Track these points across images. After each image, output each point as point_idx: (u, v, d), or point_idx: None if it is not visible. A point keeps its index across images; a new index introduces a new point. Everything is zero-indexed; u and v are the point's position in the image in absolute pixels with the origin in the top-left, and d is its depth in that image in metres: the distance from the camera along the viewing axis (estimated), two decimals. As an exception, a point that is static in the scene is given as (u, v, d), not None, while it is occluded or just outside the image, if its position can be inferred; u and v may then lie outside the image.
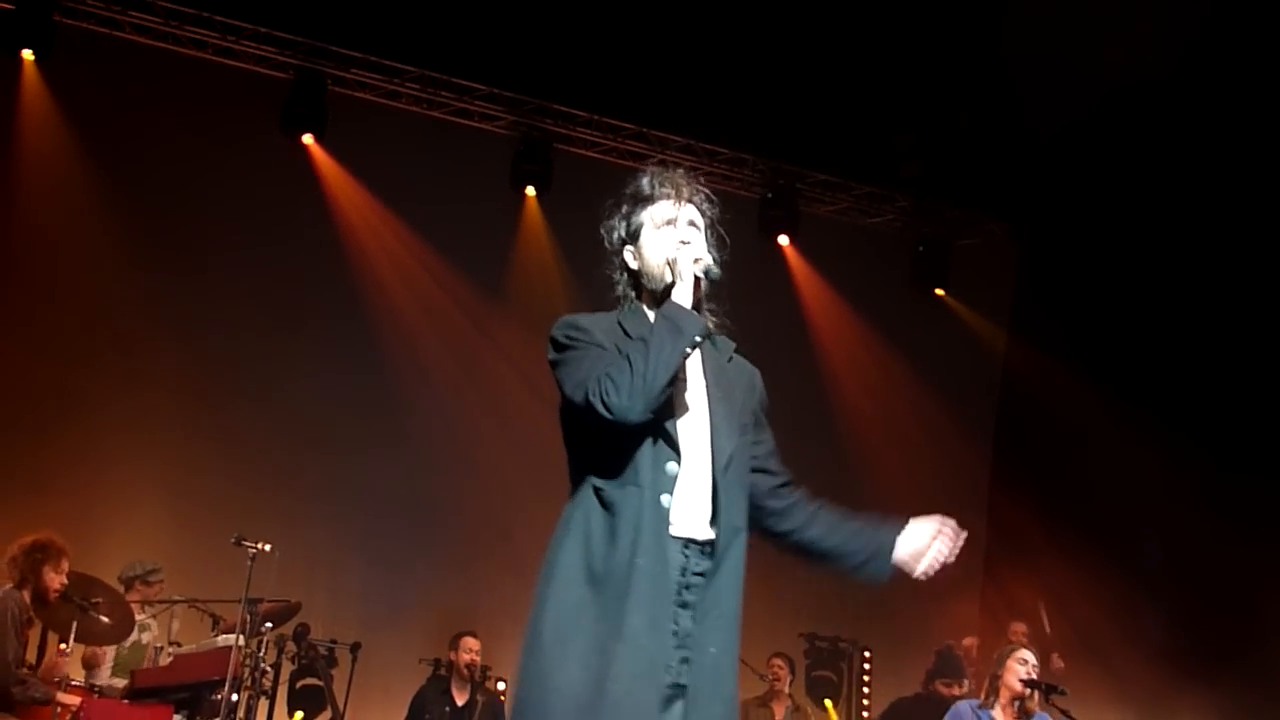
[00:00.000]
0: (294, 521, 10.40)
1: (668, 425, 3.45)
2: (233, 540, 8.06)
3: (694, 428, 3.52)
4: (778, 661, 10.81)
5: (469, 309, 11.88)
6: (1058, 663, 10.05)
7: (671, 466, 3.45)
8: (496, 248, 12.14)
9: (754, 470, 3.80)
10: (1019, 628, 10.38)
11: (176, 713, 7.78)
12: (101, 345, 10.85)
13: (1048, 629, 10.51)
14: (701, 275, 3.60)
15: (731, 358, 3.82)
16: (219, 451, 10.99)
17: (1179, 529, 10.79)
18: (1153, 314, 11.34)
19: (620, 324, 3.60)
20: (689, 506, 3.47)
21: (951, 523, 4.03)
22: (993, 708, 7.08)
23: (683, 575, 3.43)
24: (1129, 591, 10.68)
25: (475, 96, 11.74)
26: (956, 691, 9.78)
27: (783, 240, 12.79)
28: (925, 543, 4.02)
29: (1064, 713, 7.39)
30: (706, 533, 3.47)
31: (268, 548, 8.01)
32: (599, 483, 3.42)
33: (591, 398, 3.32)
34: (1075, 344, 11.86)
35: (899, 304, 13.18)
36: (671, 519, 3.40)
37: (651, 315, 3.62)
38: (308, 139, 11.39)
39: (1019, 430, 13.04)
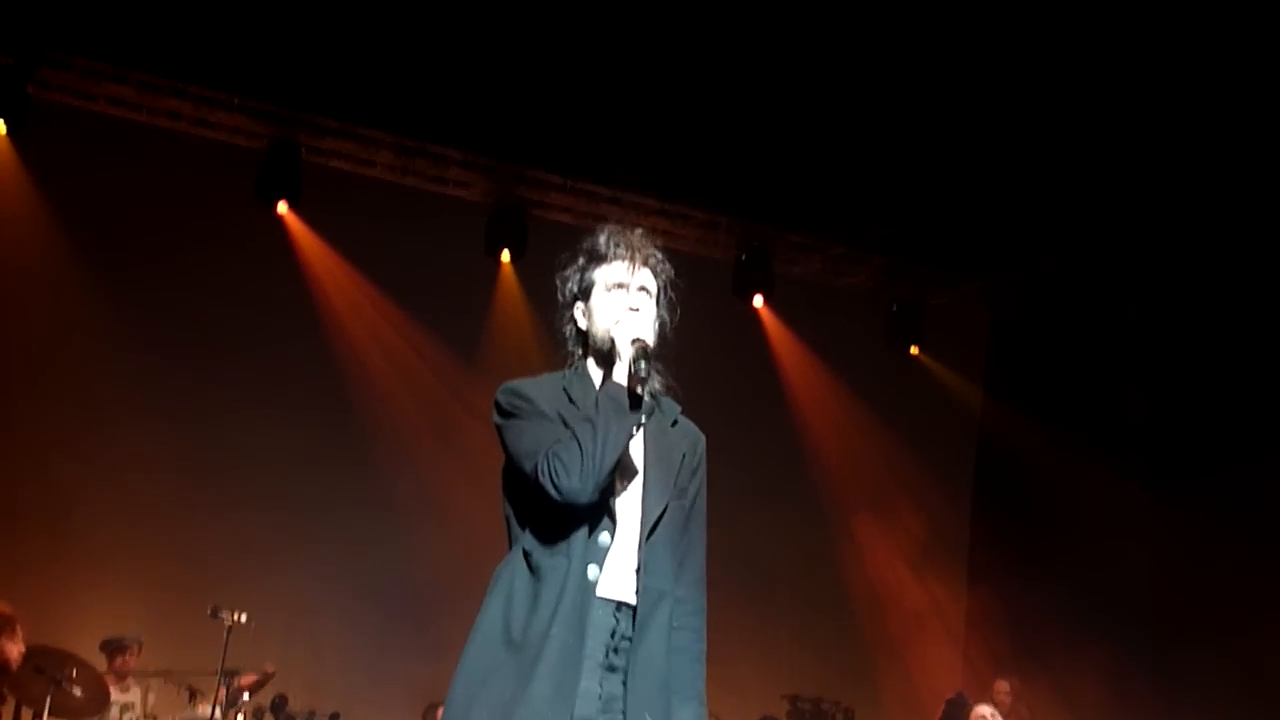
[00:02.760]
0: (271, 591, 10.32)
1: (604, 494, 3.43)
2: (208, 612, 8.01)
3: (629, 493, 3.54)
4: (761, 724, 10.77)
5: (445, 375, 11.88)
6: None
7: (604, 537, 3.46)
8: (472, 313, 12.17)
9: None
10: (1002, 686, 10.35)
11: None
12: (75, 418, 10.80)
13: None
14: (635, 355, 3.52)
15: (676, 421, 3.80)
16: (195, 524, 10.93)
17: (1161, 579, 10.80)
18: (1125, 366, 11.40)
19: (565, 390, 3.60)
20: (619, 570, 3.48)
21: None
22: None
23: (612, 638, 3.45)
24: (1113, 644, 10.67)
25: (450, 163, 11.79)
26: None
27: (757, 302, 12.84)
28: None
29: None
30: (634, 596, 3.48)
31: (244, 618, 7.97)
32: (529, 546, 3.45)
33: (541, 477, 3.33)
34: (1050, 398, 11.93)
35: (874, 363, 13.24)
36: (601, 583, 3.42)
37: (597, 379, 3.62)
38: (283, 208, 11.39)
39: (997, 486, 13.08)
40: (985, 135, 10.83)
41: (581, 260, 3.81)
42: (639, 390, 3.51)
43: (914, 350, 13.46)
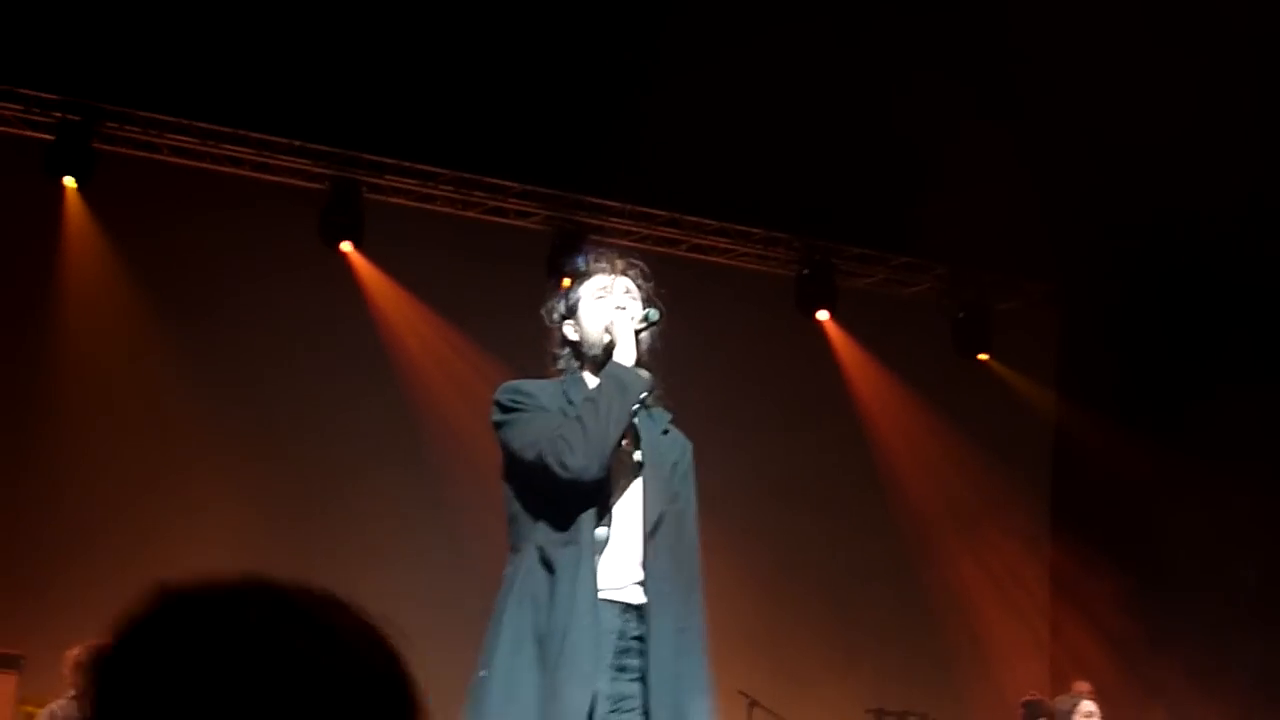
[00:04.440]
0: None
1: (604, 490, 3.55)
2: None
3: (629, 495, 3.59)
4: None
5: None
6: None
7: (602, 531, 3.51)
8: (538, 340, 12.20)
9: None
10: (1082, 686, 10.21)
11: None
12: (152, 459, 10.98)
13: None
14: (641, 324, 3.71)
15: (667, 430, 3.87)
16: (272, 555, 11.01)
17: (1250, 577, 10.65)
18: (1202, 361, 11.26)
19: (564, 391, 3.72)
20: (620, 571, 3.55)
21: None
22: None
23: (620, 639, 3.48)
24: (1201, 642, 10.51)
25: (508, 193, 11.89)
26: None
27: (822, 316, 12.80)
28: None
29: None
30: (639, 597, 3.52)
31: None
32: (542, 541, 3.52)
33: (547, 458, 3.44)
34: (1125, 397, 11.80)
35: (943, 372, 13.14)
36: (603, 583, 3.46)
37: (592, 383, 3.74)
38: (346, 246, 11.55)
39: (1075, 488, 12.93)
40: (1042, 133, 10.76)
41: (565, 283, 4.02)
42: (640, 361, 3.68)
43: (983, 357, 13.35)
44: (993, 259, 12.86)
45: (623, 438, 3.54)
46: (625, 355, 3.66)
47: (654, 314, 3.74)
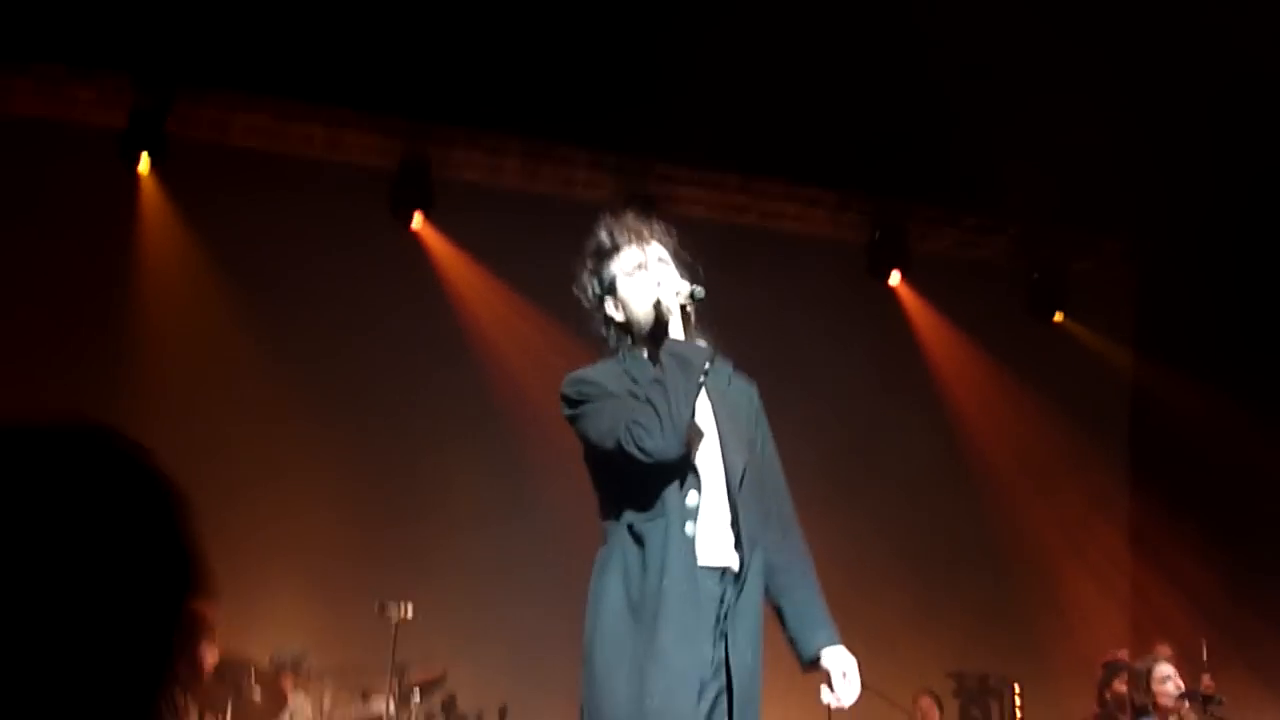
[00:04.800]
0: (433, 591, 10.52)
1: (686, 457, 3.59)
2: (376, 607, 8.16)
3: (708, 454, 3.63)
4: (926, 700, 10.69)
5: (589, 374, 11.96)
6: (1208, 684, 9.78)
7: (692, 496, 3.56)
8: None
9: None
10: (1164, 650, 10.14)
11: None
12: (234, 438, 11.14)
13: (1204, 657, 10.22)
14: (687, 301, 3.69)
15: (730, 380, 3.87)
16: (356, 531, 11.22)
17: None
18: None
19: (627, 372, 3.74)
20: (716, 536, 3.60)
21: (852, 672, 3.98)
22: None
23: (720, 604, 3.53)
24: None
25: (577, 165, 11.92)
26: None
27: (894, 280, 12.74)
28: (839, 672, 3.96)
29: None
30: (736, 562, 3.57)
31: (410, 613, 8.09)
32: (630, 519, 3.58)
33: (626, 446, 3.47)
34: (1204, 355, 11.64)
35: (1018, 334, 13.03)
36: (701, 549, 3.52)
37: (647, 355, 3.78)
38: (417, 222, 11.64)
39: (1154, 448, 12.80)
40: (1114, 89, 10.62)
41: (592, 262, 3.99)
42: (694, 330, 3.68)
43: (1059, 317, 13.23)
44: (1068, 218, 12.72)
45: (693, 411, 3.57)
46: (677, 331, 3.65)
47: (699, 291, 3.69)
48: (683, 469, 3.55)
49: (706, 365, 3.59)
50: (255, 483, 11.09)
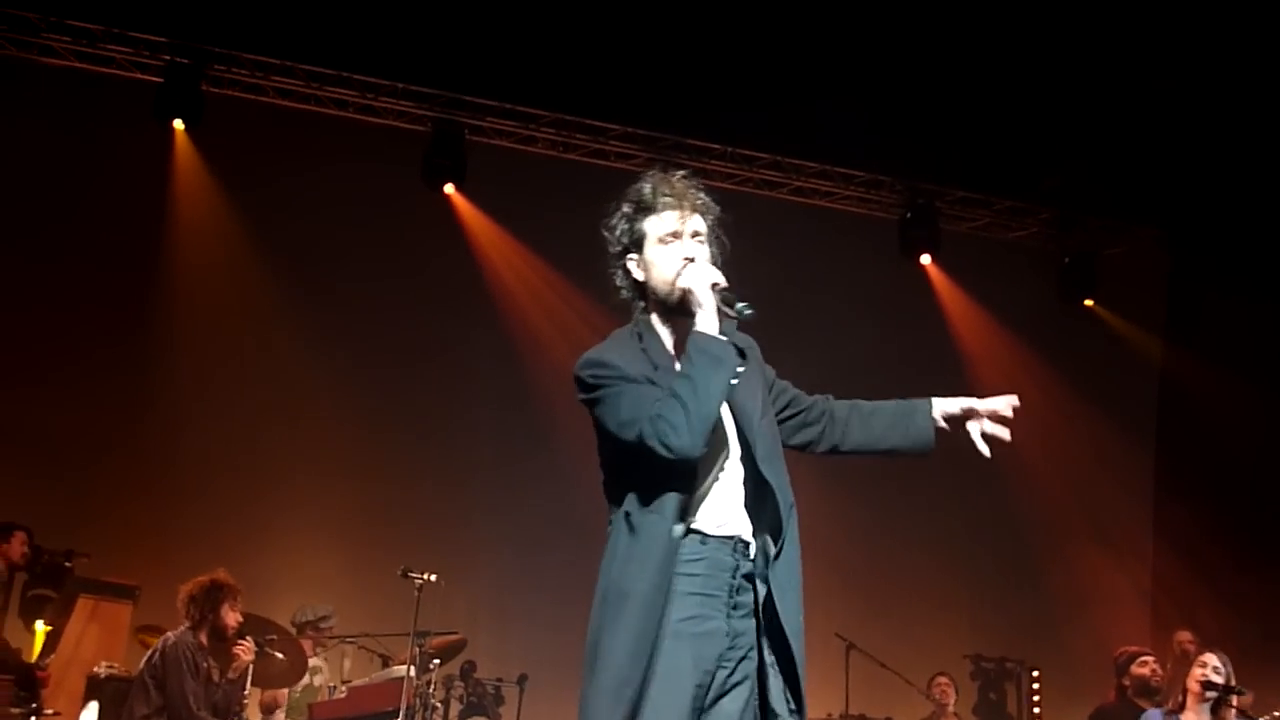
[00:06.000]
0: (456, 557, 10.58)
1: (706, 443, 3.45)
2: (399, 572, 8.19)
3: (727, 429, 3.55)
4: (943, 680, 10.69)
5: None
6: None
7: (708, 480, 3.52)
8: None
9: (782, 421, 3.85)
10: (1184, 635, 10.11)
11: (352, 746, 7.96)
12: (264, 399, 11.22)
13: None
14: (727, 307, 3.53)
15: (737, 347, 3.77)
16: (380, 493, 11.31)
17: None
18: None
19: (645, 351, 3.61)
20: (729, 507, 3.52)
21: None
22: (1180, 712, 7.14)
23: (733, 577, 3.48)
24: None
25: (610, 136, 11.90)
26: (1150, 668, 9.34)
27: (925, 260, 12.70)
28: (960, 408, 4.16)
29: (1242, 713, 7.29)
30: (748, 533, 3.52)
31: (433, 578, 8.13)
32: (630, 508, 3.47)
33: (649, 440, 3.36)
34: (1233, 344, 11.57)
35: (1048, 318, 12.99)
36: (715, 524, 3.45)
37: (662, 331, 3.67)
38: (449, 188, 11.65)
39: (1180, 436, 12.74)
40: (1153, 75, 10.54)
41: (628, 210, 3.78)
42: (729, 332, 3.53)
43: (1089, 302, 13.17)
44: (1100, 203, 12.66)
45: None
46: (709, 323, 3.50)
47: (747, 310, 3.51)
48: (695, 461, 3.42)
49: (739, 369, 3.49)
50: (282, 446, 11.17)
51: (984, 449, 4.15)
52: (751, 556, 3.56)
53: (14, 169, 10.66)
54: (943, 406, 4.15)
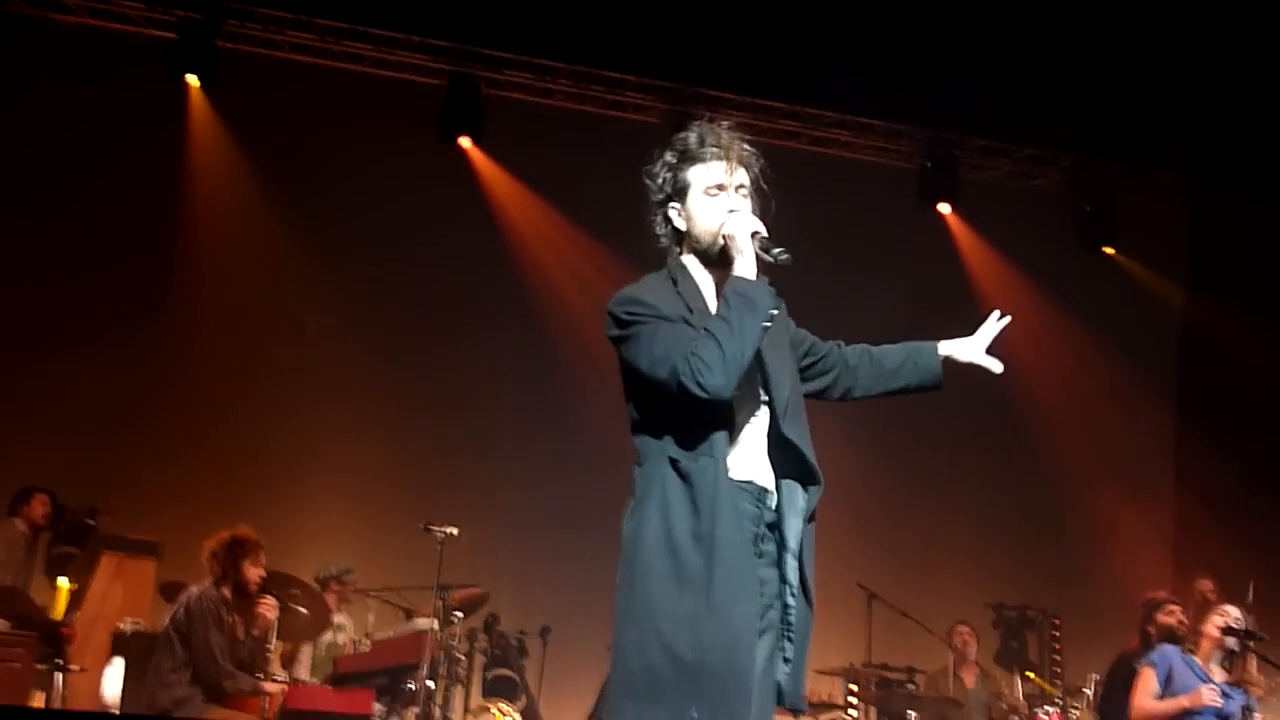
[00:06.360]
0: (478, 512, 10.60)
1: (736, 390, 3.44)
2: (421, 527, 8.18)
3: (753, 382, 3.54)
4: (964, 629, 10.69)
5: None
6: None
7: (741, 425, 3.52)
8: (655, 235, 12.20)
9: (801, 370, 3.85)
10: (1205, 584, 10.09)
11: (377, 699, 7.99)
12: (283, 356, 11.26)
13: (1250, 598, 10.16)
14: (764, 253, 3.53)
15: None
16: (401, 449, 11.34)
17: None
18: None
19: (680, 294, 3.59)
20: (754, 457, 3.54)
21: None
22: (1195, 654, 7.29)
23: (757, 526, 3.47)
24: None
25: (627, 88, 11.83)
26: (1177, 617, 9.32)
27: (944, 209, 12.64)
28: (965, 347, 4.23)
29: (1263, 658, 7.34)
30: (771, 481, 3.52)
31: (455, 531, 8.12)
32: (674, 453, 3.44)
33: (683, 378, 3.34)
34: (1254, 290, 11.51)
35: (1068, 265, 12.91)
36: (738, 471, 3.44)
37: (699, 276, 3.66)
38: (465, 142, 11.61)
39: (1201, 383, 12.71)
40: (1172, 20, 10.43)
41: (673, 158, 3.78)
42: (768, 278, 3.53)
43: (1109, 250, 13.10)
44: (1120, 149, 12.56)
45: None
46: (748, 269, 3.49)
47: (783, 255, 3.51)
48: (728, 403, 3.42)
49: (774, 311, 3.45)
50: (303, 400, 11.20)
51: (995, 366, 4.25)
52: (773, 507, 3.55)
53: (28, 127, 10.65)
54: (948, 344, 4.22)
